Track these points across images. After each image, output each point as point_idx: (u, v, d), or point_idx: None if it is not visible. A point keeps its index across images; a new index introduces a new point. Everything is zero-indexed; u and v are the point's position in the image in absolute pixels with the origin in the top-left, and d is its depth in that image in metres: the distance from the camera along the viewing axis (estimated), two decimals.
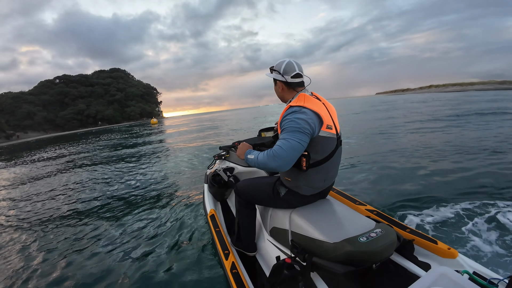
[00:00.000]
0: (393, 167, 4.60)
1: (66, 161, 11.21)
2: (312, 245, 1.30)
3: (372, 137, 7.97)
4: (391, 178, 4.04)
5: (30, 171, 9.74)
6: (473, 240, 2.28)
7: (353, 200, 1.94)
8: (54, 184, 6.83)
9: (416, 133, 7.99)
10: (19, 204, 5.39)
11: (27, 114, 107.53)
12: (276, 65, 1.54)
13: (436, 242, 1.39)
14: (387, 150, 5.90)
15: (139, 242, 2.91)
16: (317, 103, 1.44)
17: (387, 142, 7.05)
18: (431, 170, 4.23)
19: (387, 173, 4.31)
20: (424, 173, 4.11)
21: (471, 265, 1.24)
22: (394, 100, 38.93)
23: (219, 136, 13.46)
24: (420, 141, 6.70)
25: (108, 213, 4.02)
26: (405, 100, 34.99)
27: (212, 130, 17.99)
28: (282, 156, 1.27)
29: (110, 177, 6.74)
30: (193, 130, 20.84)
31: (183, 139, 14.31)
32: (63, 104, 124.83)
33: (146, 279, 2.24)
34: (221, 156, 2.91)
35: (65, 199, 5.22)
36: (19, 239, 3.53)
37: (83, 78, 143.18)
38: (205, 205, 2.54)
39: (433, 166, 4.44)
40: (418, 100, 32.88)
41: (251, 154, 1.46)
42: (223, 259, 1.63)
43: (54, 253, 3.02)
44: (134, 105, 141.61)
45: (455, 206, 2.86)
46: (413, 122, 10.71)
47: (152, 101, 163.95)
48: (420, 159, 4.99)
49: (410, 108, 19.72)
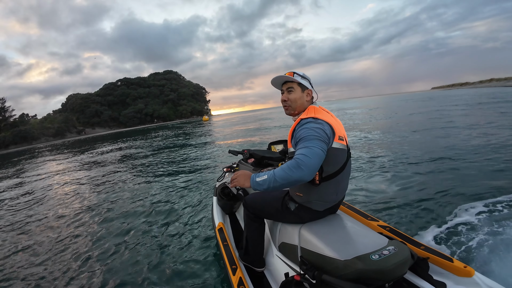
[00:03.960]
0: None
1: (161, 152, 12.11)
2: (322, 262, 1.26)
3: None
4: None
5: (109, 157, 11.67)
6: None
7: (365, 215, 1.89)
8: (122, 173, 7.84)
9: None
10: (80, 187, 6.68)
11: (95, 112, 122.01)
12: (303, 74, 1.53)
13: (452, 260, 1.33)
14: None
15: (145, 250, 2.92)
16: (327, 115, 1.43)
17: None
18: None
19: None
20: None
21: (487, 283, 1.20)
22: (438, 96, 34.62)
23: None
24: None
25: (114, 220, 4.05)
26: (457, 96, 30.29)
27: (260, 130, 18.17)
28: (307, 164, 1.18)
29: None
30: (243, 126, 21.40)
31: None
32: (125, 103, 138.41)
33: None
34: (230, 169, 2.89)
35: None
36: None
37: (141, 80, 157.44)
38: (214, 217, 2.53)
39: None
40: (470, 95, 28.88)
41: (259, 176, 1.32)
42: (231, 274, 1.60)
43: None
44: (186, 104, 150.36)
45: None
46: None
47: (202, 100, 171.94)
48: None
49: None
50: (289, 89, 1.52)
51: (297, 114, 1.52)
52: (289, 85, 1.52)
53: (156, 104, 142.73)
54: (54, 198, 6.06)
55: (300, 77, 1.49)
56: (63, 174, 9.48)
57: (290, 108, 1.54)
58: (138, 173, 7.52)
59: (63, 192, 6.54)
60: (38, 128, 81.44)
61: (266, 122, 24.84)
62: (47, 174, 10.34)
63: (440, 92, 73.11)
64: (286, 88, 1.53)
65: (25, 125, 79.21)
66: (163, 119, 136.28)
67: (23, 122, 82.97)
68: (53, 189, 7.18)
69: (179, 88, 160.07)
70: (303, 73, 1.53)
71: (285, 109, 1.56)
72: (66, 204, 5.39)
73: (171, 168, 7.66)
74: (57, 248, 3.33)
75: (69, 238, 3.61)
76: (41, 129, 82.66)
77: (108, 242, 3.27)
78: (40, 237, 3.76)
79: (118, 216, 4.19)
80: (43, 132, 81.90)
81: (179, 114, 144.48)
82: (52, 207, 5.26)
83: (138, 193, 5.39)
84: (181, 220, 3.66)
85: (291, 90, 1.51)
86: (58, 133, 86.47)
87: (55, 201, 5.80)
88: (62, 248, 3.30)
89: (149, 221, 3.77)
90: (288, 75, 1.50)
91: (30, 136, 74.23)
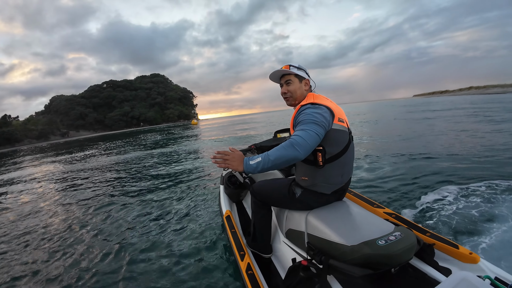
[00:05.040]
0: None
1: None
2: (329, 248, 1.28)
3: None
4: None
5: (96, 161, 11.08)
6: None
7: (370, 202, 1.91)
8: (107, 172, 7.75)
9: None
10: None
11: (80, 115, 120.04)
12: (299, 65, 1.57)
13: (457, 246, 1.35)
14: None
15: (155, 239, 2.96)
16: (326, 99, 1.47)
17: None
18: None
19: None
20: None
21: (493, 270, 1.20)
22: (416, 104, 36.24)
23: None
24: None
25: (122, 211, 4.04)
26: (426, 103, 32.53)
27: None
28: (301, 144, 1.23)
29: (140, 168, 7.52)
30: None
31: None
32: (110, 106, 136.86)
33: (161, 277, 2.28)
34: None
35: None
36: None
37: (127, 83, 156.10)
38: (221, 206, 2.57)
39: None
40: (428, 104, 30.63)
41: (253, 159, 1.31)
42: (239, 260, 1.63)
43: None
44: (173, 108, 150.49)
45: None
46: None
47: (189, 103, 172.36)
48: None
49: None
50: (287, 81, 1.56)
51: (298, 104, 1.52)
52: (286, 78, 1.56)
53: (143, 107, 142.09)
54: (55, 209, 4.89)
55: (296, 68, 1.54)
56: (53, 178, 8.54)
57: (291, 99, 1.57)
58: (147, 169, 7.63)
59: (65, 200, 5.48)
60: (21, 130, 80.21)
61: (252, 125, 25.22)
62: (34, 177, 9.40)
63: (421, 99, 75.15)
64: (285, 81, 1.57)
65: (7, 127, 77.70)
66: (150, 122, 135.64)
67: (5, 124, 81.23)
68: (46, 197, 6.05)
69: (166, 91, 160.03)
70: (298, 64, 1.57)
71: (286, 100, 1.60)
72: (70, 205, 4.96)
73: (177, 164, 7.82)
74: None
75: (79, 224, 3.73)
76: (24, 131, 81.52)
77: (116, 232, 3.33)
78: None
79: (128, 203, 4.36)
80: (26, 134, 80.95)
81: (166, 117, 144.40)
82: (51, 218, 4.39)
83: (147, 184, 5.62)
84: (189, 208, 3.76)
85: (289, 83, 1.55)
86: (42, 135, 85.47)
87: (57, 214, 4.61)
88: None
89: (157, 208, 3.95)
90: (285, 68, 1.54)
91: (13, 138, 73.10)
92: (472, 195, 3.10)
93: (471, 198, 3.04)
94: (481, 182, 3.48)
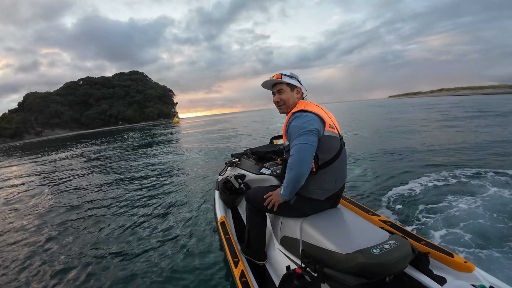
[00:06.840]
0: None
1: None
2: (323, 256, 1.28)
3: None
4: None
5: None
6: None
7: (366, 210, 1.90)
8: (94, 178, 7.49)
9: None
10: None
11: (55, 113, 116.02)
12: (291, 73, 1.61)
13: (452, 255, 1.34)
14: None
15: (147, 246, 2.91)
16: (316, 107, 1.53)
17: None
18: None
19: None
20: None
21: (488, 279, 1.21)
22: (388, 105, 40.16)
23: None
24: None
25: (115, 216, 4.00)
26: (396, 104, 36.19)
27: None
28: (294, 163, 1.32)
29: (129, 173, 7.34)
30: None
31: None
32: (87, 104, 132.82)
33: (153, 284, 2.23)
34: (232, 163, 2.91)
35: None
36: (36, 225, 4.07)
37: (105, 80, 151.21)
38: (216, 211, 2.53)
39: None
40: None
41: (281, 190, 1.47)
42: (233, 267, 1.62)
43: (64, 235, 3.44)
44: (153, 106, 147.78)
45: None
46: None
47: (169, 102, 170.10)
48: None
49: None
50: (279, 90, 1.60)
51: (289, 111, 1.55)
52: (278, 87, 1.60)
53: (121, 106, 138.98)
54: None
55: (287, 77, 1.58)
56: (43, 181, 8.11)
57: (284, 107, 1.61)
58: (136, 171, 7.55)
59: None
60: None
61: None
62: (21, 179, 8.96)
63: (396, 100, 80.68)
64: (277, 90, 1.61)
65: None
66: (129, 121, 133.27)
67: None
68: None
69: (146, 89, 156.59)
70: (290, 72, 1.61)
71: (279, 109, 1.64)
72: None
73: (170, 164, 7.90)
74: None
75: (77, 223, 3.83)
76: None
77: (108, 238, 3.25)
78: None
79: (118, 210, 4.22)
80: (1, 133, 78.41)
81: (145, 116, 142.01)
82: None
83: (138, 187, 5.55)
84: (183, 213, 3.69)
85: (281, 91, 1.60)
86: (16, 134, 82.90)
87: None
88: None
89: (151, 214, 3.84)
90: (277, 78, 1.58)
91: None
92: (440, 181, 3.82)
93: (436, 183, 3.74)
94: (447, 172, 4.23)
